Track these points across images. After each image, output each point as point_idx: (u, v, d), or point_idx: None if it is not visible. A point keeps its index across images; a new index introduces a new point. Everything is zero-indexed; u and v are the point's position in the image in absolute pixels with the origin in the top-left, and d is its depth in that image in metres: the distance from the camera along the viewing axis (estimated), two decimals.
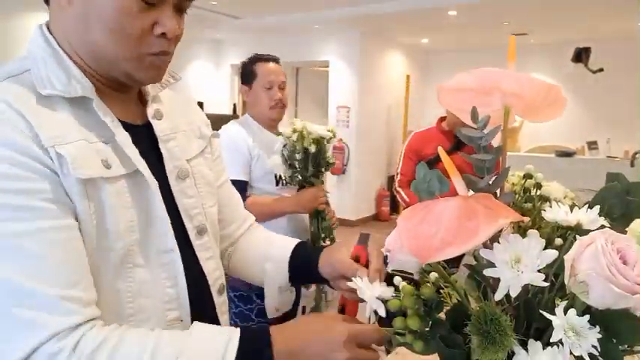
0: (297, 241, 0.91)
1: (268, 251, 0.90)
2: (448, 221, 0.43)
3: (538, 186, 0.61)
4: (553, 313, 0.41)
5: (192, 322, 0.70)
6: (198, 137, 0.85)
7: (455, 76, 0.55)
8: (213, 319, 0.80)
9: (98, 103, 0.66)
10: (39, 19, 0.67)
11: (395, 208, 6.61)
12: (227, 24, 6.17)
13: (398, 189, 2.51)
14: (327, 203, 1.83)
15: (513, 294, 0.41)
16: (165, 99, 0.81)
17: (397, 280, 0.56)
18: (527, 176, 0.61)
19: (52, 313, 0.54)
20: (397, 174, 2.56)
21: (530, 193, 0.61)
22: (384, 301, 0.57)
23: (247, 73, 1.87)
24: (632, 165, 4.50)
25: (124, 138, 0.68)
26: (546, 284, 0.41)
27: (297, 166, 1.70)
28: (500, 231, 0.45)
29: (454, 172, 0.49)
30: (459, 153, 0.71)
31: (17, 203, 0.56)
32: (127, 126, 0.70)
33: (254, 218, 1.01)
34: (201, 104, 7.21)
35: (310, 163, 1.70)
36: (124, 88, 0.73)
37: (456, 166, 0.51)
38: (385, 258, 0.55)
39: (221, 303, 0.82)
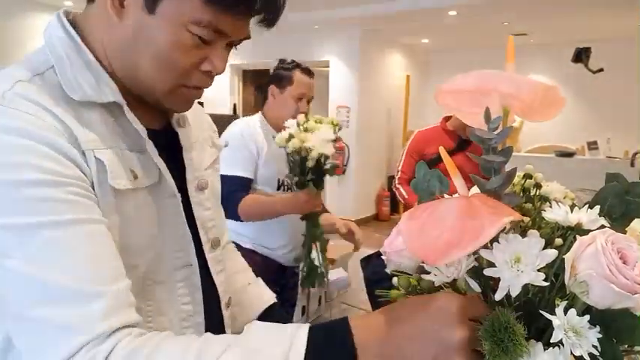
0: (268, 300, 0.90)
1: (238, 295, 0.87)
2: (451, 222, 0.42)
3: (538, 186, 0.61)
4: (553, 313, 0.41)
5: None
6: (210, 146, 0.82)
7: (452, 78, 0.55)
8: (221, 333, 0.78)
9: (128, 110, 0.63)
10: (39, 19, 0.66)
11: (395, 208, 6.61)
12: None
13: (397, 186, 2.52)
14: (323, 210, 1.79)
15: (513, 294, 0.41)
16: None
17: (396, 280, 0.56)
18: (527, 176, 0.61)
19: (88, 316, 0.48)
20: (398, 171, 2.56)
21: (530, 193, 0.61)
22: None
23: (284, 77, 1.83)
24: (632, 165, 4.51)
25: (152, 146, 0.64)
26: (546, 284, 0.41)
27: (296, 171, 1.65)
28: (502, 230, 0.45)
29: (455, 172, 0.49)
30: (463, 153, 0.71)
31: (50, 195, 0.51)
32: (150, 132, 0.66)
33: (227, 237, 0.96)
34: (201, 104, 7.20)
35: (310, 171, 1.64)
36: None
37: (458, 167, 0.51)
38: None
39: (227, 317, 0.80)
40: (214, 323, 0.75)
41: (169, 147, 0.71)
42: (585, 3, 4.57)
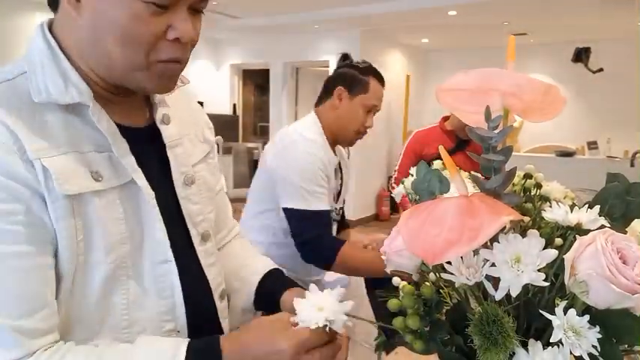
0: (271, 266, 0.89)
1: (240, 270, 0.89)
2: (451, 220, 0.42)
3: (538, 186, 0.61)
4: (553, 313, 0.41)
5: (189, 332, 0.69)
6: (201, 142, 0.83)
7: (453, 77, 0.55)
8: (215, 325, 0.79)
9: (95, 110, 0.63)
10: (39, 19, 0.66)
11: (395, 208, 6.61)
12: (227, 24, 6.17)
13: (394, 185, 2.52)
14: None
15: (514, 294, 0.41)
16: (171, 101, 0.79)
17: (396, 280, 0.56)
18: (528, 176, 0.61)
19: None
20: (395, 171, 2.56)
21: (530, 193, 0.61)
22: (385, 301, 0.57)
23: (358, 81, 1.53)
24: (632, 165, 4.51)
25: (121, 146, 0.65)
26: (546, 284, 0.41)
27: None
28: (501, 230, 0.45)
29: (455, 171, 0.49)
30: (462, 153, 0.71)
31: None
32: (130, 130, 0.68)
33: (239, 229, 0.99)
34: (201, 104, 7.19)
35: None
36: (130, 92, 0.69)
37: (458, 165, 0.51)
38: None
39: (222, 309, 0.81)
40: (207, 315, 0.77)
41: (155, 143, 0.73)
42: (585, 3, 4.57)
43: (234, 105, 7.52)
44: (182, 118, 0.79)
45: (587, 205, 0.49)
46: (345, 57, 1.63)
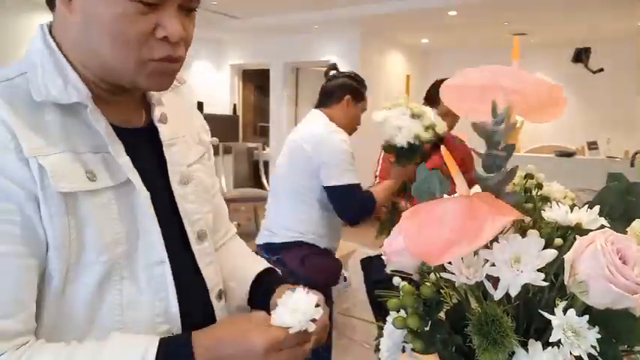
0: (265, 266, 0.91)
1: (236, 270, 0.89)
2: (452, 221, 0.42)
3: (539, 186, 0.61)
4: (553, 313, 0.41)
5: (183, 332, 0.69)
6: (197, 143, 0.84)
7: (462, 72, 0.55)
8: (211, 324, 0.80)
9: (92, 110, 0.63)
10: (39, 19, 0.66)
11: None
12: (227, 24, 6.18)
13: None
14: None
15: (513, 293, 0.41)
16: (167, 102, 0.79)
17: (396, 280, 0.56)
18: (529, 176, 0.61)
19: None
20: (376, 177, 2.53)
21: (530, 193, 0.61)
22: (383, 302, 0.57)
23: (360, 93, 2.07)
24: (632, 165, 4.51)
25: (117, 147, 0.65)
26: (545, 284, 0.41)
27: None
28: (502, 231, 0.45)
29: (456, 171, 0.49)
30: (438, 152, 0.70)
31: None
32: (127, 130, 0.69)
33: (235, 230, 1.01)
34: (201, 104, 7.20)
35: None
36: (127, 92, 0.70)
37: (436, 165, 0.51)
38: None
39: (220, 308, 0.81)
40: (204, 315, 0.77)
41: (152, 143, 0.73)
42: (585, 3, 4.57)
43: (235, 105, 7.52)
44: (177, 119, 0.80)
45: (587, 205, 0.49)
46: (334, 67, 2.20)
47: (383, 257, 0.56)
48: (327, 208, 1.90)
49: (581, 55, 5.18)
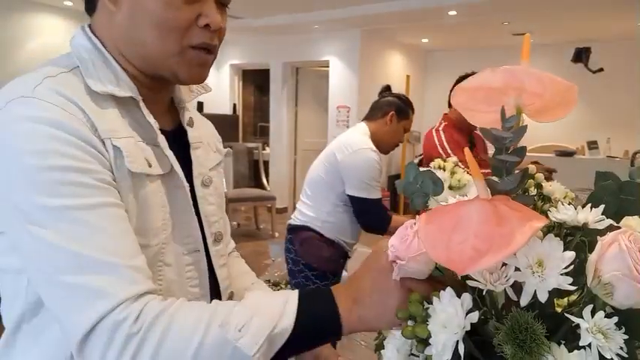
0: (257, 282, 0.94)
1: (234, 282, 0.90)
2: (477, 227, 0.41)
3: (539, 186, 0.61)
4: (572, 314, 0.40)
5: None
6: (214, 151, 0.88)
7: (478, 74, 0.54)
8: None
9: (144, 105, 0.69)
10: (38, 19, 0.67)
11: (395, 208, 6.61)
12: (227, 24, 6.16)
13: None
14: None
15: (542, 299, 0.40)
16: (191, 109, 0.84)
17: None
18: (529, 177, 0.61)
19: (119, 282, 0.55)
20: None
21: (528, 193, 0.61)
22: None
23: (403, 110, 2.17)
24: (632, 165, 4.51)
25: (163, 139, 0.71)
26: (574, 287, 0.40)
27: None
28: None
29: (478, 174, 0.47)
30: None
31: (78, 180, 0.57)
32: (160, 131, 0.73)
33: (234, 245, 1.04)
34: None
35: None
36: (163, 91, 0.76)
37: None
38: None
39: None
40: None
41: (178, 146, 0.77)
42: (585, 3, 4.57)
43: (234, 105, 7.51)
44: (199, 127, 0.84)
45: (589, 205, 0.48)
46: (387, 88, 2.33)
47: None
48: (338, 203, 2.07)
49: (581, 55, 5.18)
